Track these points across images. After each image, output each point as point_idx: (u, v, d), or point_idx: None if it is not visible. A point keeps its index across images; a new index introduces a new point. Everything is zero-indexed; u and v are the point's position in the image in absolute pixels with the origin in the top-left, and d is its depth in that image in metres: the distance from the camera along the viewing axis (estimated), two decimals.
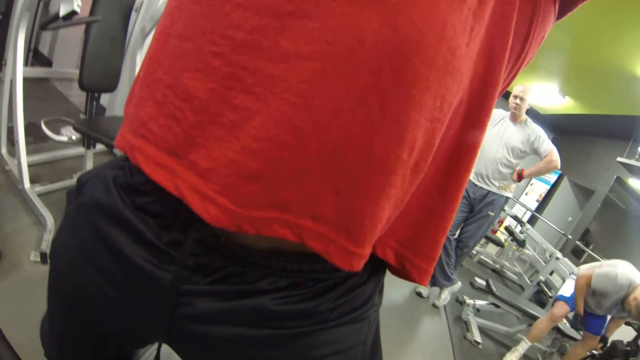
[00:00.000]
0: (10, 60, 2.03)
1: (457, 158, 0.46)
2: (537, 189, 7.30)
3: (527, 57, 0.48)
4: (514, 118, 2.92)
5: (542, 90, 6.02)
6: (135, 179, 0.46)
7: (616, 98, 4.67)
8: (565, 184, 6.92)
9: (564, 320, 2.93)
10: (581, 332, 2.84)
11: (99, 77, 2.12)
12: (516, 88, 2.90)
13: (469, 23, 0.38)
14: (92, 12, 1.91)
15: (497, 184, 2.92)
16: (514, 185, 2.99)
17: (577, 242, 5.51)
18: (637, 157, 4.81)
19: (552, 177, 7.11)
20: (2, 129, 2.25)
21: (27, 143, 2.09)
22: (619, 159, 5.12)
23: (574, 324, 2.76)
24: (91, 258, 0.47)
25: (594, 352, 2.74)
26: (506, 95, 4.07)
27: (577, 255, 5.41)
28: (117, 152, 1.87)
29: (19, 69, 2.00)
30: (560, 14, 0.50)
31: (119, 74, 2.26)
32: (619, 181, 5.46)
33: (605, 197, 5.50)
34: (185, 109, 0.39)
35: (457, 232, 3.11)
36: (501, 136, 2.93)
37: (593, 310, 2.76)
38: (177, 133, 0.40)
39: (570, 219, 6.56)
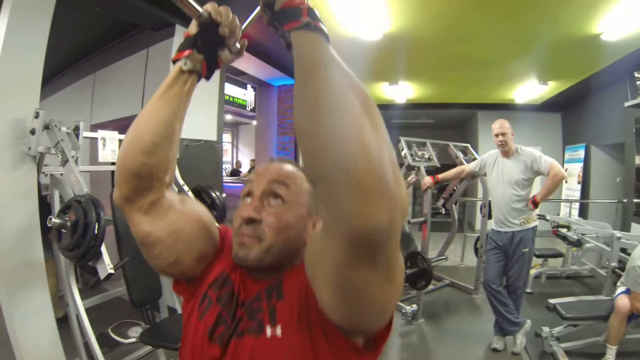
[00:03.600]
0: (70, 301, 2.38)
1: None
2: (572, 172, 7.14)
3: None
4: (505, 154, 3.08)
5: (527, 88, 6.27)
6: None
7: (588, 60, 4.80)
8: (594, 151, 6.76)
9: None
10: None
11: (145, 292, 2.50)
12: (493, 128, 3.08)
13: None
14: (120, 252, 2.32)
15: (517, 221, 3.00)
16: (534, 214, 3.06)
17: (634, 200, 5.29)
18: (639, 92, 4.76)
19: (580, 153, 6.99)
20: (82, 353, 2.51)
21: (103, 353, 2.32)
22: (626, 103, 5.06)
23: None
24: None
25: None
26: None
27: None
28: None
29: (80, 307, 2.33)
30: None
31: (159, 281, 2.63)
32: None
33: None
34: None
35: (503, 280, 3.14)
36: (502, 176, 3.07)
37: None
38: None
39: (618, 179, 6.33)
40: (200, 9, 0.68)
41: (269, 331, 0.68)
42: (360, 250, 0.48)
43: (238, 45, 0.75)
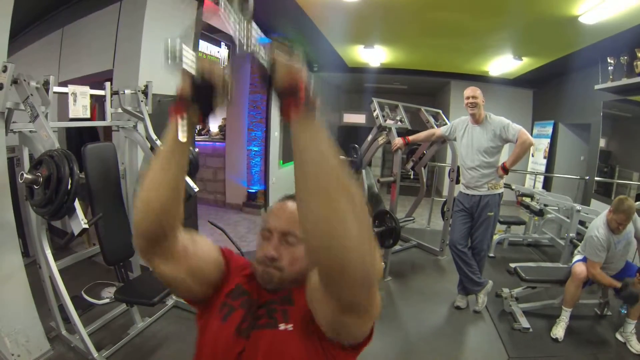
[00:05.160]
0: (43, 263, 2.37)
1: None
2: (540, 147, 7.39)
3: None
4: (475, 120, 3.15)
5: (502, 62, 6.34)
6: None
7: (564, 40, 4.86)
8: (562, 129, 6.98)
9: None
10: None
11: (118, 250, 2.50)
12: (465, 92, 3.14)
13: None
14: (92, 209, 2.30)
15: (485, 187, 3.12)
16: (502, 181, 3.17)
17: (596, 178, 5.54)
18: (611, 78, 4.96)
19: (548, 130, 7.21)
20: (56, 316, 2.57)
21: (78, 315, 2.34)
22: (596, 86, 5.26)
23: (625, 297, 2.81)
24: None
25: None
26: None
27: (606, 194, 5.38)
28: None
29: (53, 267, 2.31)
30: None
31: (131, 239, 2.60)
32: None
33: (607, 115, 5.50)
34: None
35: (468, 242, 3.28)
36: (471, 144, 3.15)
37: (612, 270, 2.92)
38: None
39: (582, 157, 6.60)
40: (194, 73, 0.74)
41: (282, 326, 0.85)
42: (348, 309, 0.67)
43: (230, 94, 0.79)
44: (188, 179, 2.57)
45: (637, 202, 3.35)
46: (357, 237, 0.57)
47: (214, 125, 10.14)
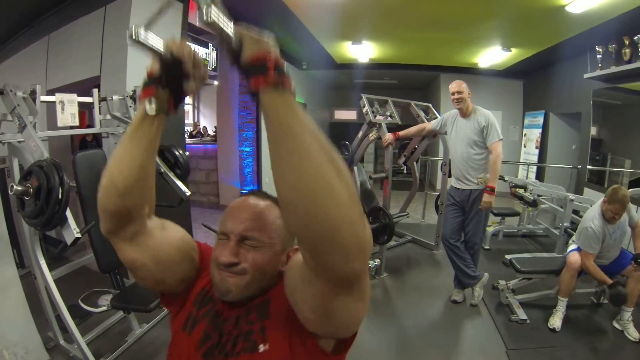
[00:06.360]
0: (38, 273, 2.34)
1: None
2: (531, 137, 7.44)
3: None
4: (463, 113, 3.17)
5: (491, 54, 6.37)
6: None
7: (552, 30, 4.90)
8: (553, 118, 7.02)
9: None
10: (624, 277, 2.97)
11: (112, 257, 2.46)
12: (450, 87, 3.16)
13: None
14: (85, 217, 2.28)
15: (475, 180, 3.12)
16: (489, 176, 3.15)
17: (588, 167, 5.59)
18: (599, 66, 4.99)
19: (539, 120, 7.25)
20: (54, 326, 2.55)
21: (75, 325, 2.33)
22: (585, 75, 5.30)
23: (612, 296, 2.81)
24: None
25: None
26: None
27: (599, 182, 5.42)
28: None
29: (49, 278, 2.30)
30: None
31: None
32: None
33: (597, 103, 5.53)
34: None
35: (461, 236, 3.28)
36: (459, 136, 3.17)
37: (607, 259, 2.95)
38: None
39: (574, 146, 6.65)
40: (161, 49, 0.71)
41: (261, 348, 0.77)
42: (341, 286, 0.61)
43: (202, 74, 0.74)
44: (179, 183, 2.55)
45: (631, 190, 3.38)
46: (344, 201, 0.52)
47: (210, 126, 10.21)
